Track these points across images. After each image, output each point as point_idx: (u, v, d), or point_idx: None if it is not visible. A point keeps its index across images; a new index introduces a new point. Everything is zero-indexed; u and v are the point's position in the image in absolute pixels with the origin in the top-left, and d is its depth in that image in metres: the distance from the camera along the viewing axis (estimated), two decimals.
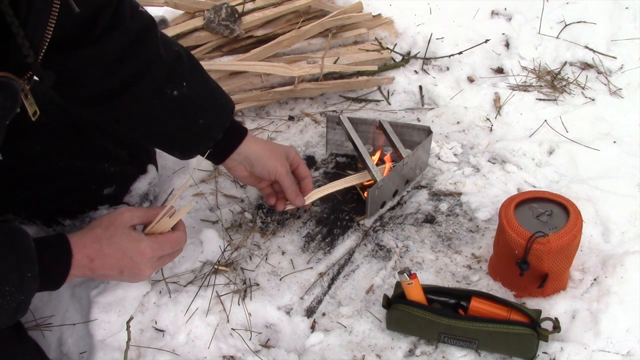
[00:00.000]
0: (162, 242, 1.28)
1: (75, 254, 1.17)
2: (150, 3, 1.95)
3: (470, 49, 2.17)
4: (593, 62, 2.17)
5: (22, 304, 1.08)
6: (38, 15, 1.03)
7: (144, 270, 1.26)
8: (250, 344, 1.38)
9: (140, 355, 1.34)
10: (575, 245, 1.38)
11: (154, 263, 1.28)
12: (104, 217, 1.26)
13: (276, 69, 1.93)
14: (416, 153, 1.70)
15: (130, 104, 1.35)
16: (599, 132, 1.91)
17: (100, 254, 1.20)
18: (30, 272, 1.08)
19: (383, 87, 2.12)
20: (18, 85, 1.05)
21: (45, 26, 1.06)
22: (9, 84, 1.02)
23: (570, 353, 1.32)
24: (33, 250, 1.09)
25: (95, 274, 1.22)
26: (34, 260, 1.09)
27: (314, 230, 1.66)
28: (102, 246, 1.20)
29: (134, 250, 1.23)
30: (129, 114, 1.38)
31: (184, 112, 1.40)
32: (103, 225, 1.24)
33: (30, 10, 1.01)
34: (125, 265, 1.23)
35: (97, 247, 1.20)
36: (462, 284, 1.51)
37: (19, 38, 1.00)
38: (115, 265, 1.22)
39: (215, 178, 1.78)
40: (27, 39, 1.01)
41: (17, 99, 1.07)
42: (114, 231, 1.22)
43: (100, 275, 1.24)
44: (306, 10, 2.16)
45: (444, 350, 1.37)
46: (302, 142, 1.93)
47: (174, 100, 1.37)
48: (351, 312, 1.46)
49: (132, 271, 1.25)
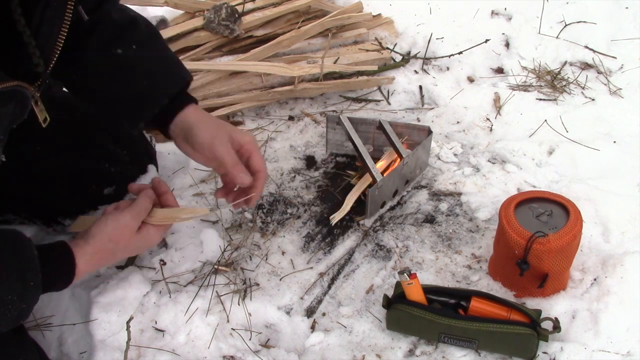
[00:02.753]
0: (165, 230, 1.36)
1: (81, 266, 1.19)
2: (150, 3, 1.95)
3: (470, 49, 2.17)
4: (593, 62, 2.17)
5: (24, 311, 1.09)
6: (50, 24, 1.03)
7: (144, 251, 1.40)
8: (250, 344, 1.38)
9: (140, 355, 1.34)
10: (575, 245, 1.38)
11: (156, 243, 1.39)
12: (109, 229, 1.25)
13: (276, 69, 1.93)
14: (416, 153, 1.70)
15: (77, 63, 1.31)
16: (599, 132, 1.91)
17: (113, 258, 1.29)
18: (33, 282, 1.08)
19: (383, 87, 2.12)
20: (29, 92, 1.06)
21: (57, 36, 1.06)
22: (20, 92, 1.02)
23: (570, 353, 1.32)
24: (36, 259, 1.10)
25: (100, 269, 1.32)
26: (37, 269, 1.09)
27: (314, 230, 1.66)
28: (115, 254, 1.28)
29: (146, 245, 1.34)
30: (77, 76, 1.35)
31: (129, 72, 1.34)
32: (113, 239, 1.25)
33: (43, 20, 1.01)
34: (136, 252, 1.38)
35: (111, 255, 1.27)
36: (462, 284, 1.51)
37: (30, 47, 1.00)
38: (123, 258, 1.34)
39: (215, 178, 1.78)
40: (38, 48, 1.01)
41: (27, 105, 1.08)
42: (126, 243, 1.27)
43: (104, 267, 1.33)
44: (306, 10, 2.16)
45: (444, 350, 1.37)
46: (302, 142, 1.93)
47: (120, 60, 1.33)
48: (351, 312, 1.46)
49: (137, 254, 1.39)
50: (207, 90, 1.95)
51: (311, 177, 1.81)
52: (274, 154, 1.88)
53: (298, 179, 1.80)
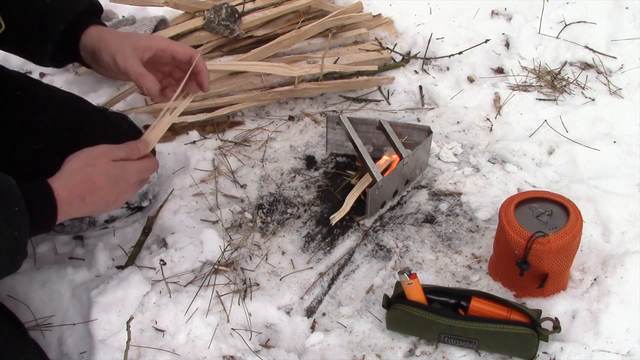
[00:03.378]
0: (148, 167, 1.31)
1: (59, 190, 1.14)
2: (150, 3, 1.95)
3: (470, 49, 2.17)
4: (593, 62, 2.17)
5: (17, 242, 1.07)
6: None
7: (128, 196, 1.27)
8: (250, 344, 1.38)
9: (140, 355, 1.34)
10: (575, 245, 1.38)
11: (137, 187, 1.30)
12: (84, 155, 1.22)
13: (276, 69, 1.93)
14: (416, 153, 1.70)
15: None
16: (599, 132, 1.91)
17: (93, 189, 1.20)
18: (17, 207, 1.06)
19: (383, 87, 2.12)
20: None
21: None
22: None
23: (570, 353, 1.32)
24: (17, 187, 1.08)
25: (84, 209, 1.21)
26: (19, 195, 1.07)
27: (314, 230, 1.66)
28: (94, 183, 1.20)
29: (125, 178, 1.24)
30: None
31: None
32: (89, 163, 1.21)
33: None
34: (115, 193, 1.23)
35: (89, 185, 1.19)
36: (462, 284, 1.51)
37: None
38: (106, 199, 1.22)
39: (216, 178, 1.78)
40: None
41: None
42: (105, 167, 1.21)
43: (89, 211, 1.23)
44: (306, 10, 2.17)
45: (444, 350, 1.37)
46: (302, 142, 1.93)
47: None
48: (351, 312, 1.46)
49: (119, 198, 1.26)
50: None
51: (311, 177, 1.81)
52: (274, 154, 1.88)
53: (298, 179, 1.80)
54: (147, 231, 1.59)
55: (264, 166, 1.83)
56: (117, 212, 1.56)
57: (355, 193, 1.68)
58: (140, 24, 1.95)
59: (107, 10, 2.13)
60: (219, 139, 1.91)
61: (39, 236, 1.61)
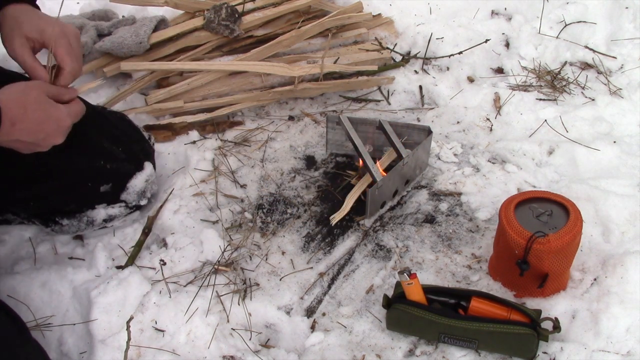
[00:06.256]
0: (76, 111, 1.33)
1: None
2: (150, 3, 1.95)
3: (470, 49, 2.17)
4: (593, 62, 2.17)
5: None
6: None
7: (58, 138, 1.28)
8: (250, 344, 1.38)
9: (140, 355, 1.34)
10: (575, 245, 1.38)
11: (66, 131, 1.32)
12: (17, 85, 1.21)
13: (276, 69, 1.93)
14: (416, 153, 1.70)
15: None
16: (599, 132, 1.91)
17: (25, 118, 1.19)
18: None
19: (383, 87, 2.12)
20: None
21: None
22: None
23: (570, 353, 1.32)
24: None
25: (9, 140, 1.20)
26: None
27: (314, 230, 1.66)
28: (27, 112, 1.19)
29: (56, 117, 1.26)
30: None
31: None
32: (23, 91, 1.21)
33: None
34: (44, 132, 1.24)
35: (22, 112, 1.19)
36: (462, 284, 1.51)
37: None
38: (35, 131, 1.22)
39: (216, 178, 1.78)
40: None
41: None
42: (38, 97, 1.22)
43: (13, 142, 1.22)
44: (306, 10, 2.17)
45: (444, 350, 1.37)
46: (302, 142, 1.93)
47: None
48: (351, 312, 1.46)
49: (47, 139, 1.26)
50: (207, 90, 1.95)
51: (311, 177, 1.81)
52: (274, 154, 1.88)
53: (298, 179, 1.80)
54: (147, 231, 1.59)
55: (264, 166, 1.83)
56: (116, 211, 1.56)
57: (355, 193, 1.68)
58: (140, 24, 1.95)
59: (107, 10, 2.13)
60: (219, 139, 1.91)
61: (39, 236, 1.61)
